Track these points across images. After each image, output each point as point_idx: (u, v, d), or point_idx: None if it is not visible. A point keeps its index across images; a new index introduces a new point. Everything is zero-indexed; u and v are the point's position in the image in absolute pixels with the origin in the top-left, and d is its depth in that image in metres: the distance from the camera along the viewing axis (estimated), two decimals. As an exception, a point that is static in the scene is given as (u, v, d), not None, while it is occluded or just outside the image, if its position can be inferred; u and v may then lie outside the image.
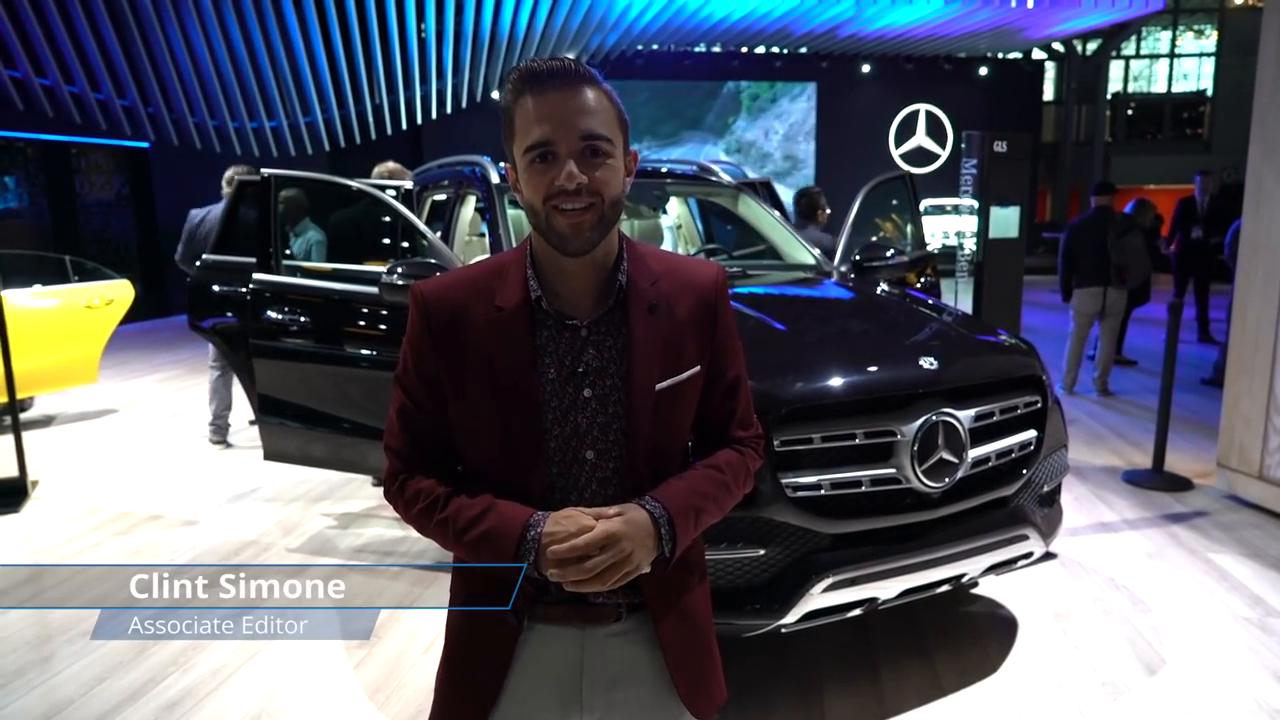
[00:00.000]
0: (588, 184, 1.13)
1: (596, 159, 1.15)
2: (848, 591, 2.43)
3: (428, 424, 1.25)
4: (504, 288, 1.22)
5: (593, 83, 1.17)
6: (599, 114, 1.15)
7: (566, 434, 1.21)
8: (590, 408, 1.21)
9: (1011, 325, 6.21)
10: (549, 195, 1.14)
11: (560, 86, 1.14)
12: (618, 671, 1.27)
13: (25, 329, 5.51)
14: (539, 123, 1.13)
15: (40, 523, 4.39)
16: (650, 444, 1.23)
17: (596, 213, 1.15)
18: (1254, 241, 4.51)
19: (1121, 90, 28.16)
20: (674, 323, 1.25)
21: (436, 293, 1.24)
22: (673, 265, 1.30)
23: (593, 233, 1.16)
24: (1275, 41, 4.38)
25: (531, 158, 1.15)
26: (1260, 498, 4.44)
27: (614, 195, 1.17)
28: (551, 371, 1.20)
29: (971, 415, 2.59)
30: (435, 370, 1.22)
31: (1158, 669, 2.93)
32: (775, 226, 4.33)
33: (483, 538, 1.17)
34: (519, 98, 1.16)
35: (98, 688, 2.83)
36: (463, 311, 1.21)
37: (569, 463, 1.21)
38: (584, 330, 1.21)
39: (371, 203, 3.93)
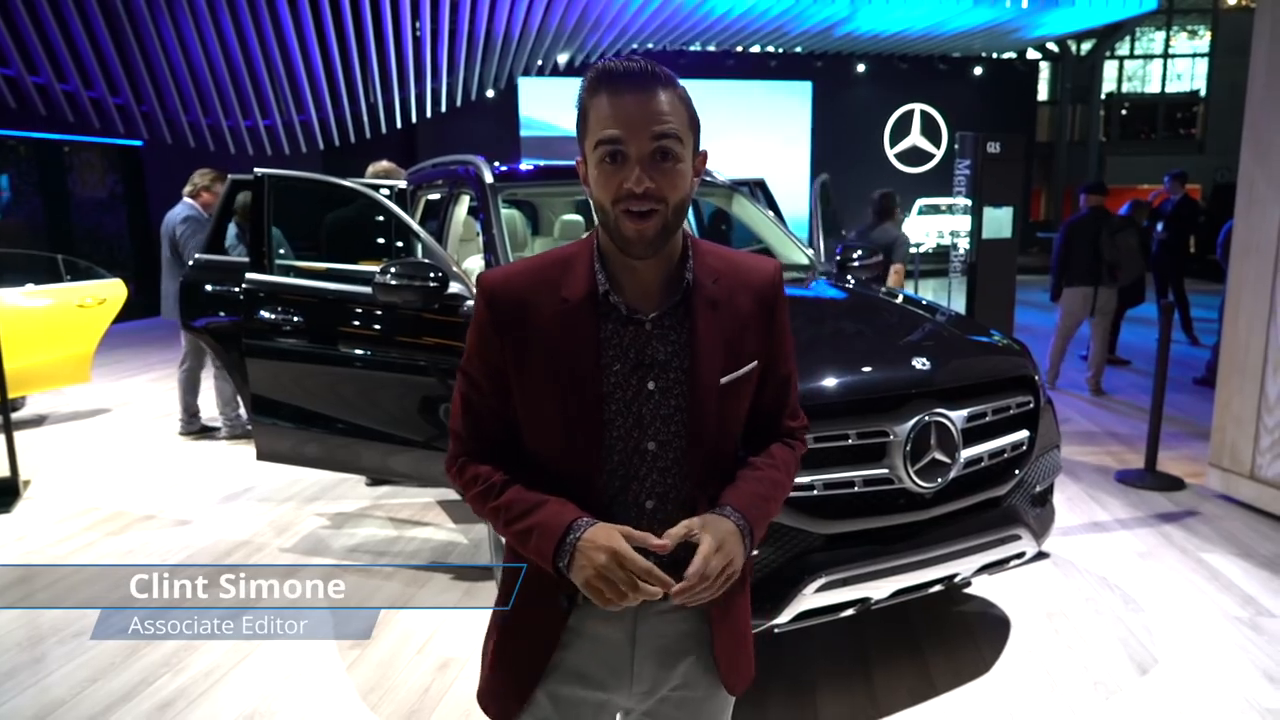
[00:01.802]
0: (654, 189, 1.15)
1: (666, 163, 1.16)
2: (841, 591, 2.44)
3: (490, 410, 1.28)
4: (570, 280, 1.24)
5: (668, 85, 1.18)
6: (671, 117, 1.17)
7: (629, 425, 1.23)
8: (654, 400, 1.23)
9: (1005, 325, 6.22)
10: (617, 198, 1.16)
11: (635, 87, 1.16)
12: (667, 646, 1.31)
13: (17, 328, 5.49)
14: (611, 122, 1.15)
15: (32, 522, 4.38)
16: (711, 436, 1.26)
17: (660, 219, 1.17)
18: (1245, 243, 4.53)
19: (1115, 90, 28.25)
20: (735, 319, 1.28)
21: (502, 282, 1.26)
22: (734, 262, 1.33)
23: (656, 238, 1.19)
24: (1267, 44, 4.39)
25: (602, 155, 1.16)
26: (1252, 497, 4.46)
27: (680, 200, 1.19)
28: (616, 364, 1.23)
29: (964, 415, 2.60)
30: (499, 359, 1.24)
31: (1149, 668, 2.94)
32: (769, 226, 4.33)
33: (526, 533, 1.21)
34: (594, 96, 1.18)
35: (90, 688, 2.82)
36: (528, 302, 1.23)
37: (630, 453, 1.24)
38: (648, 324, 1.24)
39: (365, 202, 3.92)
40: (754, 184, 5.68)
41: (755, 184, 5.72)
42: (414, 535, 4.19)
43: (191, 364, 5.86)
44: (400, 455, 3.62)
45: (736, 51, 20.13)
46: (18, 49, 11.04)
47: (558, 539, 1.18)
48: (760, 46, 20.09)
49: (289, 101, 14.08)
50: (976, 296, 6.18)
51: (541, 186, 4.62)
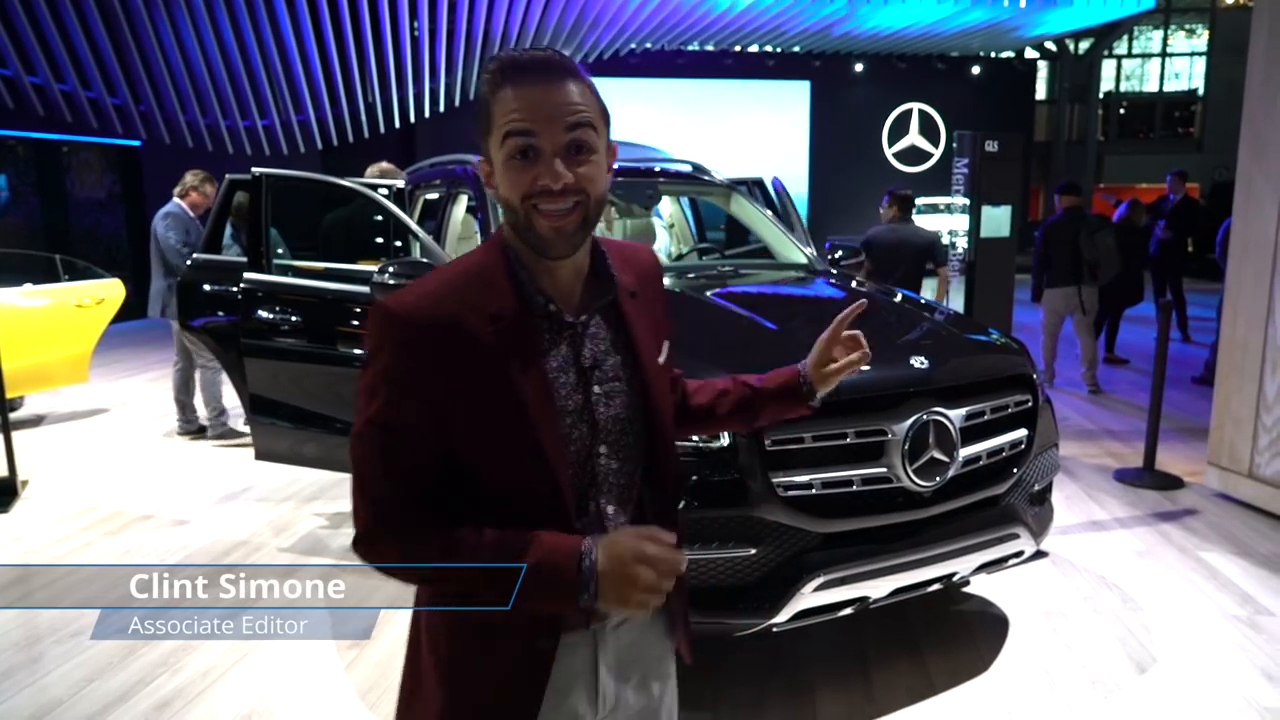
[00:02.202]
0: (573, 183, 1.08)
1: (581, 155, 1.10)
2: (839, 590, 2.44)
3: (429, 463, 1.11)
4: (495, 295, 1.13)
5: (576, 75, 1.11)
6: (583, 107, 1.10)
7: (584, 435, 1.17)
8: (602, 404, 1.19)
9: (1003, 324, 6.23)
10: (529, 194, 1.09)
11: (543, 78, 1.09)
12: (625, 656, 1.28)
13: (15, 328, 5.49)
14: (520, 116, 1.08)
15: (31, 522, 4.37)
16: (665, 425, 1.25)
17: (581, 212, 1.11)
18: (1244, 241, 4.53)
19: (1113, 89, 28.27)
20: (647, 305, 1.27)
21: (421, 309, 1.10)
22: (624, 250, 1.30)
23: (576, 235, 1.12)
24: (1265, 42, 4.39)
25: (510, 152, 1.09)
26: (1250, 496, 4.46)
27: (599, 193, 1.13)
28: (563, 375, 1.16)
29: (962, 414, 2.60)
30: (438, 395, 1.09)
31: (1148, 667, 2.94)
32: (767, 225, 4.33)
33: (532, 576, 1.06)
34: (498, 89, 1.10)
35: (87, 688, 2.82)
36: (457, 326, 1.10)
37: (584, 462, 1.18)
38: (579, 326, 1.18)
39: (363, 202, 3.92)
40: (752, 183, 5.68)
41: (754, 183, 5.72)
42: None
43: (183, 364, 5.86)
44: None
45: (735, 51, 20.13)
46: (15, 49, 11.03)
47: (574, 575, 1.05)
48: (759, 46, 20.08)
49: (287, 101, 14.08)
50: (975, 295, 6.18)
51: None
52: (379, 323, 1.10)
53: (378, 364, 1.11)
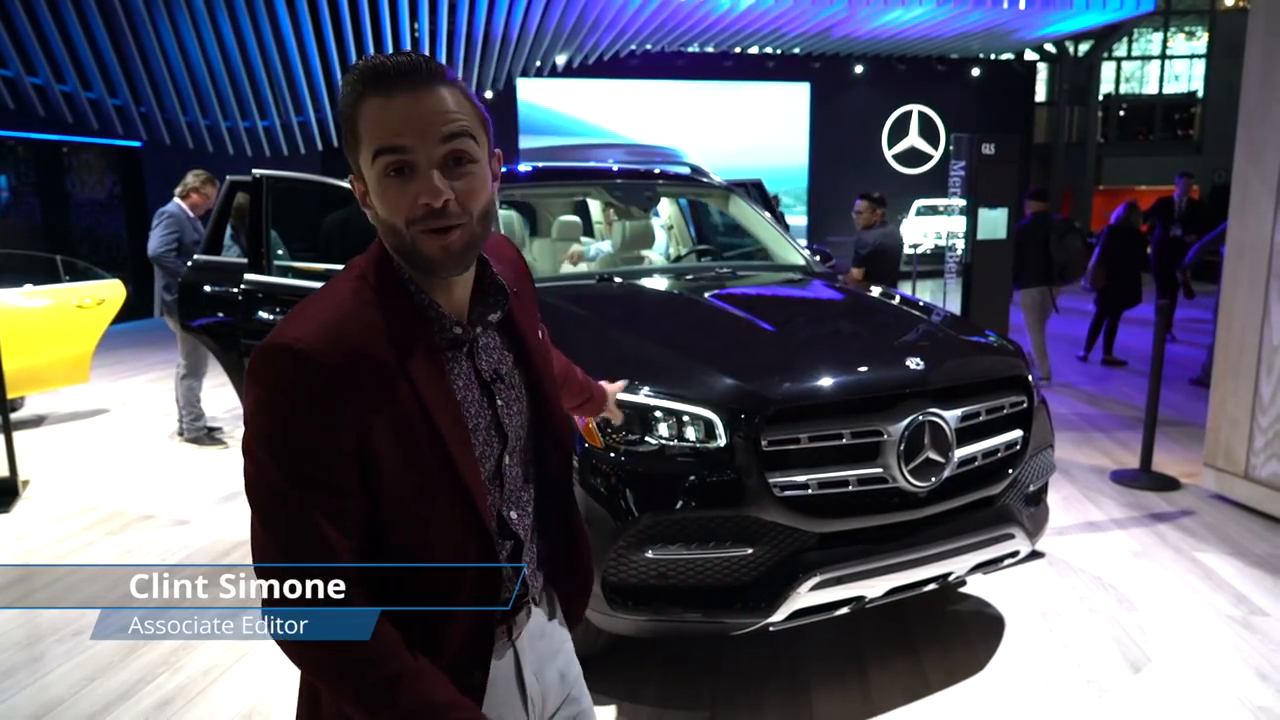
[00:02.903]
0: (453, 198, 1.01)
1: (461, 168, 1.02)
2: (835, 590, 2.45)
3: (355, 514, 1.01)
4: (395, 320, 1.04)
5: (446, 80, 1.02)
6: (458, 115, 1.01)
7: (495, 448, 1.13)
8: (506, 413, 1.15)
9: (1000, 326, 6.25)
10: (412, 218, 1.00)
11: (410, 87, 0.99)
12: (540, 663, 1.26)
13: (16, 329, 5.50)
14: (390, 129, 0.99)
15: (31, 522, 4.39)
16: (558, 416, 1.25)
17: (466, 231, 1.03)
18: (1240, 243, 4.55)
19: (1113, 91, 28.29)
20: (527, 301, 1.26)
21: (327, 345, 0.98)
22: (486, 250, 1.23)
23: (465, 254, 1.04)
24: (1260, 46, 4.41)
25: (384, 168, 1.00)
26: (1246, 497, 4.48)
27: (483, 207, 1.05)
28: (468, 393, 1.10)
29: (958, 415, 2.62)
30: (355, 438, 0.99)
31: (1143, 667, 2.96)
32: (765, 227, 4.35)
33: None
34: (361, 100, 1.00)
35: (88, 687, 2.84)
36: (364, 357, 0.99)
37: (493, 475, 1.14)
38: (474, 341, 1.14)
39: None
40: (751, 185, 5.70)
41: (753, 185, 5.75)
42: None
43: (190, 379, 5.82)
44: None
45: (735, 52, 20.15)
46: (16, 50, 11.06)
47: None
48: (759, 47, 20.11)
49: (288, 102, 14.11)
50: (972, 297, 6.20)
51: (539, 188, 4.64)
52: (278, 363, 0.97)
53: (281, 411, 0.98)
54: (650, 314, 3.38)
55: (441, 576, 1.07)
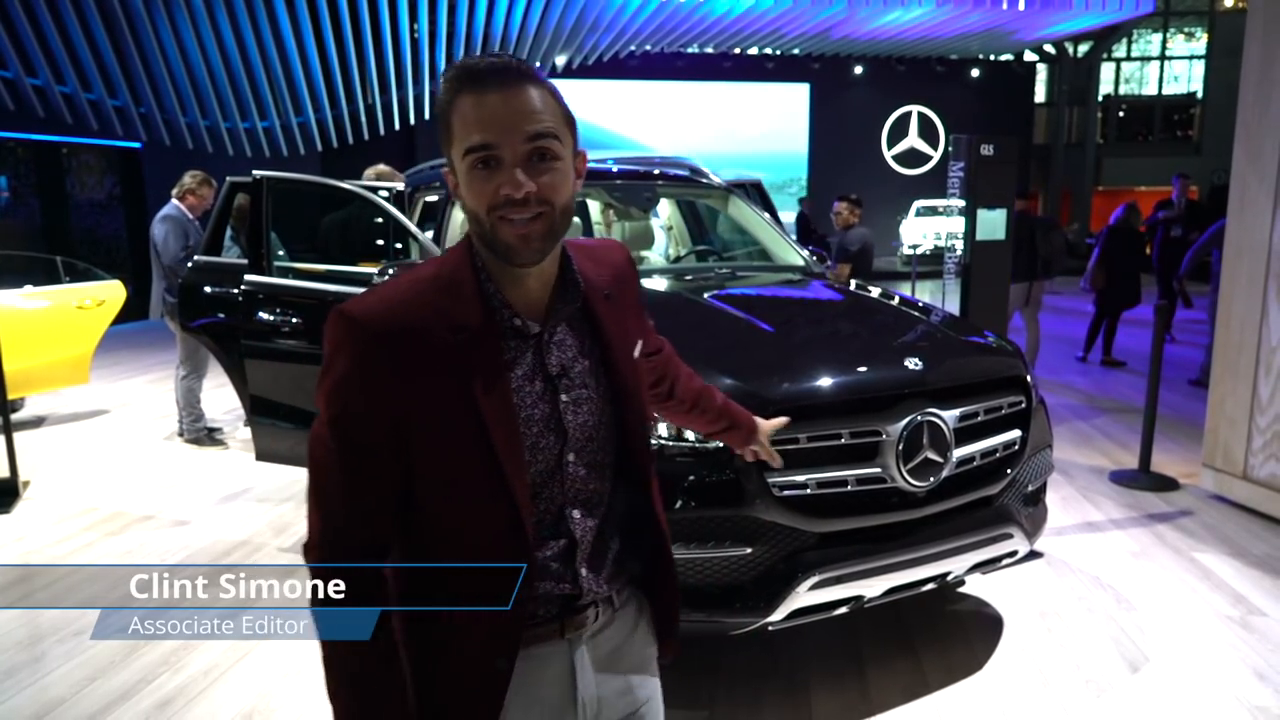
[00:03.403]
0: (536, 192, 1.06)
1: (544, 163, 1.07)
2: (834, 590, 2.46)
3: (387, 475, 1.09)
4: (459, 304, 1.10)
5: (535, 80, 1.08)
6: (544, 114, 1.07)
7: (550, 444, 1.15)
8: (570, 411, 1.16)
9: (999, 327, 6.26)
10: (493, 205, 1.06)
11: (501, 86, 1.05)
12: (606, 663, 1.25)
13: (16, 330, 5.51)
14: (480, 125, 1.05)
15: (32, 523, 4.40)
16: (637, 428, 1.23)
17: (546, 222, 1.08)
18: (1238, 244, 4.56)
19: (1113, 92, 28.31)
20: (621, 304, 1.26)
21: (380, 316, 1.07)
22: (592, 251, 1.28)
23: (543, 243, 1.09)
24: (1259, 45, 4.42)
25: (472, 162, 1.06)
26: (1245, 497, 4.49)
27: (564, 202, 1.10)
28: (528, 385, 1.13)
29: (956, 415, 2.62)
30: (398, 406, 1.07)
31: (1141, 666, 2.96)
32: (765, 228, 4.36)
33: None
34: (456, 98, 1.07)
35: (89, 687, 2.84)
36: (420, 335, 1.07)
37: (551, 471, 1.15)
38: (546, 335, 1.16)
39: (363, 204, 3.94)
40: (751, 185, 5.71)
41: (752, 185, 5.75)
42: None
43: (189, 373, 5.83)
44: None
45: (734, 53, 20.18)
46: (16, 51, 11.06)
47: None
48: (758, 48, 20.14)
49: (287, 103, 14.11)
50: (970, 298, 6.21)
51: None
52: (339, 327, 1.07)
53: (336, 370, 1.07)
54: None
55: (465, 556, 1.12)
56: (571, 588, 1.18)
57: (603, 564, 1.21)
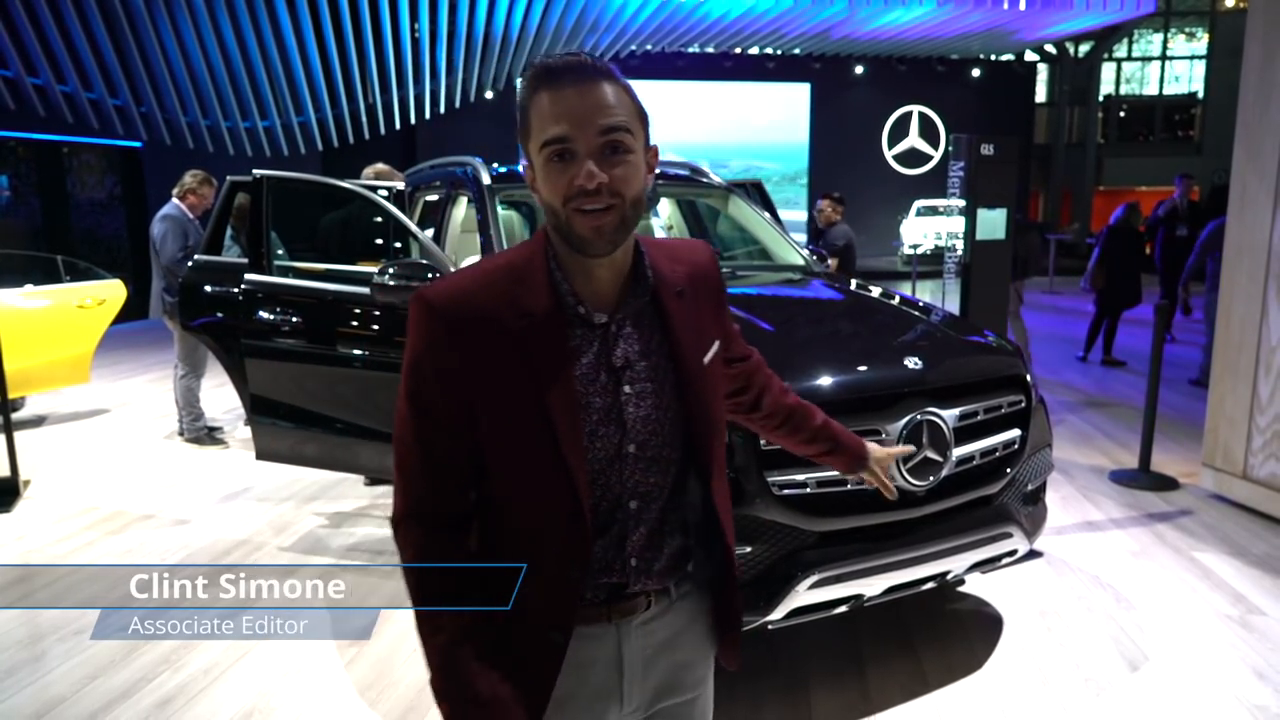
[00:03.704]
0: (608, 183, 1.09)
1: (616, 156, 1.11)
2: (833, 588, 2.46)
3: (457, 448, 1.17)
4: (529, 292, 1.16)
5: (610, 77, 1.13)
6: (618, 109, 1.12)
7: (610, 433, 1.18)
8: (632, 403, 1.19)
9: (998, 326, 6.26)
10: (569, 196, 1.10)
11: (577, 81, 1.10)
12: (651, 655, 1.27)
13: (17, 329, 5.51)
14: (555, 120, 1.10)
15: (32, 522, 4.40)
16: (704, 424, 1.24)
17: (618, 214, 1.11)
18: (1238, 244, 4.56)
19: (1113, 92, 28.31)
20: (696, 304, 1.27)
21: (453, 298, 1.15)
22: (673, 249, 1.31)
23: (615, 234, 1.13)
24: (1259, 46, 4.43)
25: (548, 155, 1.11)
26: (1244, 497, 4.49)
27: (635, 194, 1.13)
28: (591, 374, 1.17)
29: (956, 414, 2.63)
30: (465, 384, 1.14)
31: (1140, 665, 2.97)
32: (765, 227, 4.36)
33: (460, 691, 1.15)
34: (534, 94, 1.13)
35: (89, 686, 2.85)
36: (488, 318, 1.14)
37: (610, 460, 1.18)
38: (614, 326, 1.19)
39: (363, 204, 3.94)
40: (751, 185, 5.71)
41: (752, 185, 5.75)
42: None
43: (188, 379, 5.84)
44: (398, 455, 3.65)
45: (735, 53, 20.18)
46: (17, 50, 11.07)
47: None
48: (759, 48, 20.14)
49: (288, 103, 14.12)
50: (970, 298, 6.21)
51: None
52: (415, 310, 1.16)
53: (412, 350, 1.17)
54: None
55: (529, 533, 1.18)
56: (619, 577, 1.21)
57: (657, 557, 1.23)
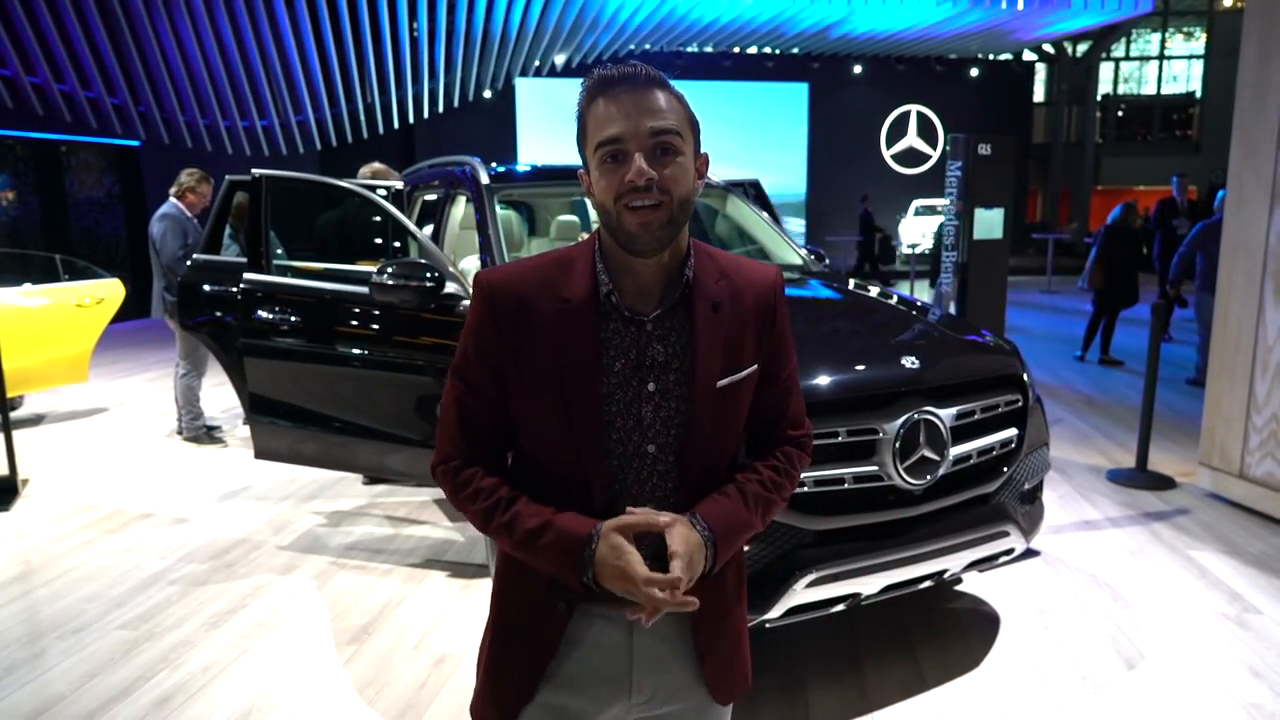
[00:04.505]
0: (657, 181, 1.15)
1: (666, 157, 1.16)
2: (831, 587, 2.47)
3: (486, 414, 1.26)
4: (570, 281, 1.23)
5: (663, 85, 1.19)
6: (668, 113, 1.17)
7: (629, 427, 1.22)
8: (654, 402, 1.22)
9: (996, 325, 6.28)
10: (620, 194, 1.16)
11: (631, 89, 1.17)
12: (663, 653, 1.29)
13: (15, 328, 5.52)
14: (609, 122, 1.16)
15: (31, 520, 4.40)
16: (708, 440, 1.25)
17: (666, 211, 1.16)
18: (1234, 243, 4.57)
19: (1111, 92, 28.33)
20: (736, 321, 1.27)
21: (502, 281, 1.24)
22: (735, 265, 1.32)
23: (662, 232, 1.17)
24: (1255, 46, 4.44)
25: (603, 156, 1.17)
26: (1241, 496, 4.50)
27: (683, 194, 1.18)
28: (617, 365, 1.21)
29: (953, 413, 2.63)
30: (499, 358, 1.23)
31: (1137, 664, 2.98)
32: (763, 227, 4.37)
33: (544, 550, 1.19)
34: (592, 102, 1.19)
35: (88, 684, 2.85)
36: (529, 301, 1.22)
37: (630, 456, 1.23)
38: (649, 325, 1.23)
39: (360, 203, 3.95)
40: (749, 185, 5.72)
41: (750, 185, 5.76)
42: (410, 533, 4.22)
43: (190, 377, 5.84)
44: (397, 454, 3.66)
45: (734, 53, 20.18)
46: (15, 49, 11.06)
47: (578, 556, 1.17)
48: (757, 48, 20.14)
49: (286, 102, 14.11)
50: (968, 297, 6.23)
51: (538, 187, 4.65)
52: (474, 287, 1.26)
53: (466, 324, 1.27)
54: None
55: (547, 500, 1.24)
56: None
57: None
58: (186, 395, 5.78)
